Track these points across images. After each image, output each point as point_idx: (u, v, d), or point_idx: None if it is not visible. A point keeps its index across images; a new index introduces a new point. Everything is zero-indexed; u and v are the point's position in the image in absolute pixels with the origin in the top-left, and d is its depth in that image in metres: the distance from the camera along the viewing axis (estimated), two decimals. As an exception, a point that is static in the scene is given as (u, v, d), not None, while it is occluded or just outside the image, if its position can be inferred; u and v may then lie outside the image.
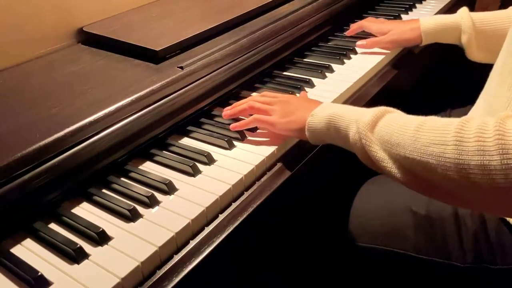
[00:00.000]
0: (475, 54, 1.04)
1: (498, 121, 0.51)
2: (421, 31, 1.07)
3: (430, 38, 1.08)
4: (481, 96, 0.87)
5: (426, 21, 1.07)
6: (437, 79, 1.36)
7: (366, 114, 0.66)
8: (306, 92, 0.95)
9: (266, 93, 0.87)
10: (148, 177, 0.72)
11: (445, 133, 0.54)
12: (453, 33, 1.04)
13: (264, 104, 0.82)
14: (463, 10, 1.04)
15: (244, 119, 0.83)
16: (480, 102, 0.87)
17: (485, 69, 0.83)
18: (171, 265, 0.60)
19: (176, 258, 0.61)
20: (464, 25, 1.02)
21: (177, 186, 0.70)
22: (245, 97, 0.92)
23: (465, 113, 0.90)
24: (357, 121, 0.67)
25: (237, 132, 0.81)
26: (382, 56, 1.08)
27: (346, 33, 1.18)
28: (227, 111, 0.85)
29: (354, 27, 1.17)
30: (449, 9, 1.35)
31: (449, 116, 1.08)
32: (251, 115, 0.82)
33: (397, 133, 0.60)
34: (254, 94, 0.94)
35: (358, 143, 0.66)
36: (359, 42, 1.12)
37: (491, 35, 1.00)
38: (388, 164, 0.63)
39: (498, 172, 0.50)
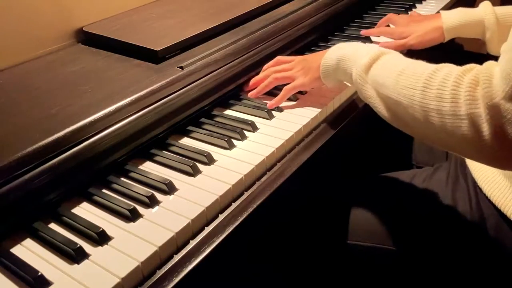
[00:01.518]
0: (496, 49, 1.02)
1: (459, 73, 0.59)
2: (444, 30, 1.05)
3: (452, 34, 1.06)
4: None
5: (448, 18, 1.05)
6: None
7: (365, 56, 0.75)
8: None
9: (280, 59, 0.94)
10: (148, 177, 0.72)
11: (418, 79, 0.64)
12: (475, 29, 1.03)
13: (285, 71, 0.90)
14: (486, 4, 1.02)
15: None
16: None
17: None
18: (171, 265, 0.60)
19: (176, 258, 0.61)
20: (488, 21, 1.00)
21: (177, 186, 0.70)
22: (245, 97, 0.93)
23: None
24: (358, 63, 0.76)
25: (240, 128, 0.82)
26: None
27: (365, 32, 1.15)
28: (253, 92, 0.92)
29: (378, 26, 1.16)
30: (449, 9, 1.35)
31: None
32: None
33: (384, 74, 0.70)
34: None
35: (356, 82, 0.77)
36: (385, 44, 1.10)
37: None
38: (376, 101, 0.72)
39: (448, 116, 0.59)
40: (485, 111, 0.55)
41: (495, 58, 0.76)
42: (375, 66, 0.73)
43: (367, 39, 1.15)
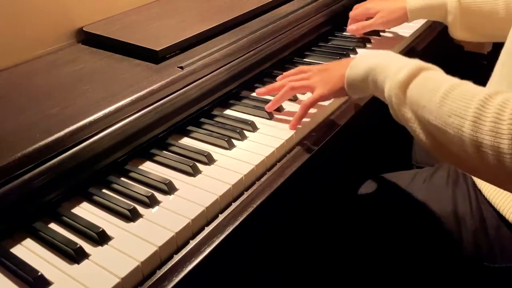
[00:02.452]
0: (458, 33, 1.05)
1: None
2: (407, 10, 1.07)
3: (416, 15, 1.08)
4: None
5: (412, 0, 1.07)
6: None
7: (401, 70, 0.65)
8: None
9: (301, 69, 0.87)
10: (148, 177, 0.72)
11: (467, 106, 0.55)
12: (438, 12, 1.05)
13: (304, 80, 0.84)
14: None
15: None
16: None
17: (487, 70, 0.83)
18: (171, 265, 0.60)
19: (176, 258, 0.61)
20: (450, 5, 1.02)
21: (177, 186, 0.70)
22: (245, 97, 0.92)
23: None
24: (392, 78, 0.66)
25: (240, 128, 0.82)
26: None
27: (348, 30, 1.15)
28: (269, 105, 0.85)
29: (350, 21, 1.15)
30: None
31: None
32: None
33: (426, 96, 0.60)
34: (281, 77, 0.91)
35: (390, 100, 0.67)
36: (349, 27, 1.12)
37: (476, 15, 1.00)
38: (414, 125, 0.63)
39: (507, 155, 0.51)
40: None
41: (493, 61, 0.77)
42: (414, 84, 0.63)
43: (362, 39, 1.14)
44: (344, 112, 0.92)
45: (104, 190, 0.71)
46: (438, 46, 1.11)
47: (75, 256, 0.58)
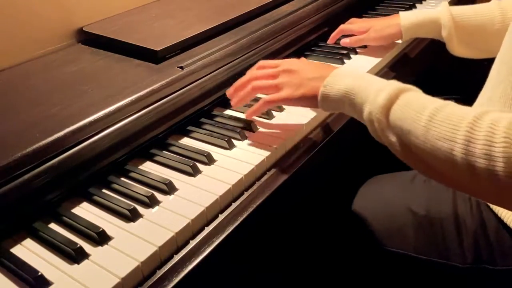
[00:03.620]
0: (456, 49, 1.03)
1: (508, 123, 0.51)
2: (401, 27, 1.06)
3: (410, 33, 1.07)
4: (478, 99, 0.86)
5: (405, 17, 1.06)
6: (433, 82, 1.36)
7: (380, 93, 0.64)
8: None
9: (264, 64, 0.82)
10: (148, 177, 0.72)
11: (456, 129, 0.54)
12: (433, 28, 1.04)
13: (268, 78, 0.79)
14: (443, 5, 1.03)
15: None
16: (476, 106, 0.87)
17: (483, 73, 0.83)
18: (171, 265, 0.60)
19: (176, 258, 0.61)
20: (444, 19, 1.01)
21: (177, 186, 0.70)
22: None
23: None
24: (371, 102, 0.65)
25: (240, 128, 0.81)
26: (382, 58, 1.07)
27: (329, 41, 1.14)
28: (234, 100, 0.82)
29: (334, 34, 1.12)
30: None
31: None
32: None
33: (410, 119, 0.59)
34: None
35: (370, 123, 0.66)
36: (342, 40, 1.11)
37: (472, 30, 1.00)
38: (399, 149, 0.62)
39: (501, 177, 0.50)
40: None
41: (493, 62, 0.76)
42: (395, 107, 0.62)
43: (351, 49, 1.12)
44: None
45: (104, 190, 0.71)
46: (434, 49, 1.10)
47: (75, 256, 0.58)
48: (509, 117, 0.52)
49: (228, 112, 0.90)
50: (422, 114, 0.58)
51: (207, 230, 0.65)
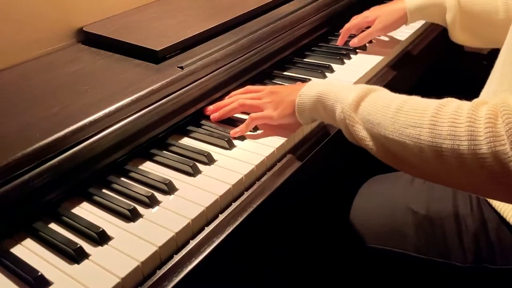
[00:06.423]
0: (458, 35, 1.03)
1: (472, 108, 0.55)
2: (407, 11, 1.06)
3: (415, 16, 1.07)
4: (482, 94, 0.87)
5: (411, 0, 1.06)
6: (435, 80, 1.36)
7: (351, 93, 0.68)
8: None
9: (249, 88, 0.87)
10: (148, 177, 0.72)
11: (422, 116, 0.58)
12: (437, 12, 1.04)
13: (254, 99, 0.83)
14: None
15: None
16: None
17: (485, 70, 0.83)
18: (171, 265, 0.60)
19: (176, 258, 0.61)
20: (449, 3, 1.01)
21: (177, 186, 0.70)
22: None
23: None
24: (342, 101, 0.69)
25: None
26: (382, 57, 1.07)
27: (338, 43, 1.13)
28: (215, 115, 0.85)
29: (342, 35, 1.12)
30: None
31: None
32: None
33: (379, 113, 0.63)
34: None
35: (343, 122, 0.70)
36: (351, 42, 1.10)
37: (476, 16, 0.99)
38: (370, 143, 0.66)
39: (467, 156, 0.53)
40: (511, 146, 0.50)
41: (493, 61, 0.76)
42: (364, 103, 0.66)
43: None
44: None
45: (104, 190, 0.71)
46: (436, 49, 1.10)
47: (75, 256, 0.58)
48: (473, 101, 0.56)
49: (228, 112, 0.90)
50: (390, 107, 0.62)
51: (207, 230, 0.65)
